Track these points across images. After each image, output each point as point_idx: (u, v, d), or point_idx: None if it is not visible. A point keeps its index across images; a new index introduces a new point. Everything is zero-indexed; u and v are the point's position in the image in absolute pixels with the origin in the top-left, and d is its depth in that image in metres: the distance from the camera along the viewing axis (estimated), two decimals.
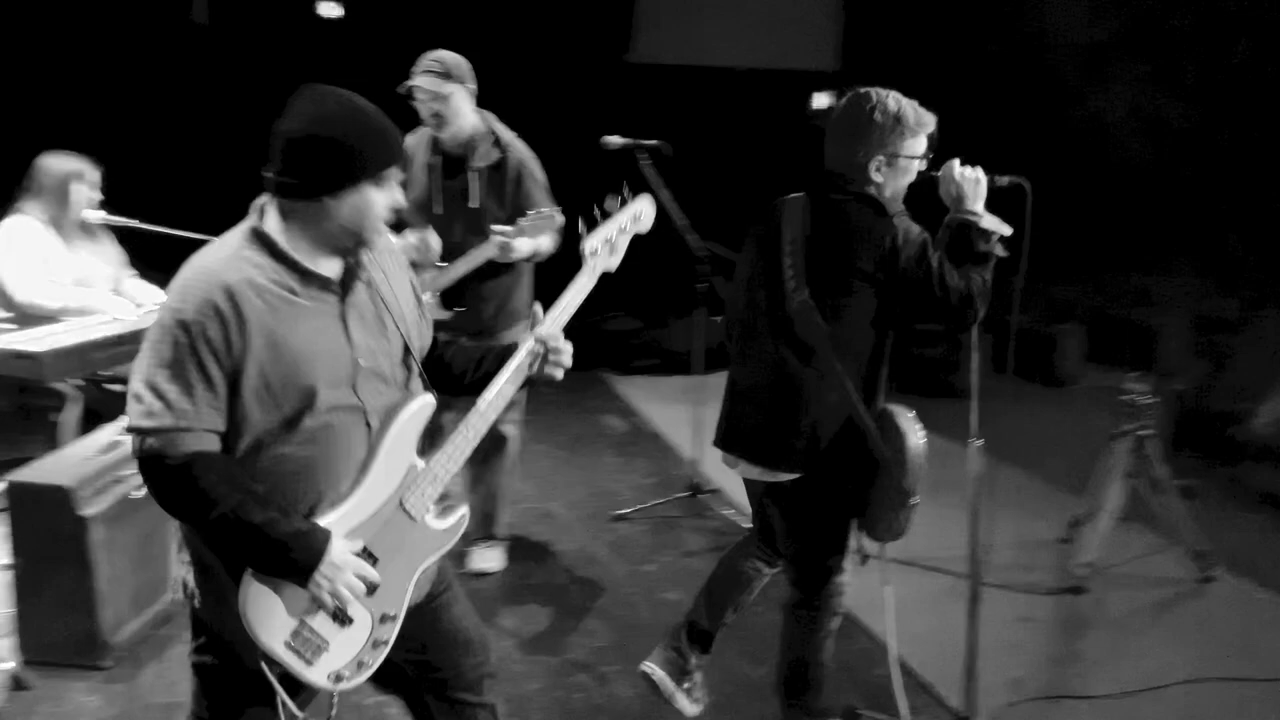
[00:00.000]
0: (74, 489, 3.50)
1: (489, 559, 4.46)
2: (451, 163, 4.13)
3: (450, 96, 4.02)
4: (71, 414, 4.35)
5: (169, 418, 1.90)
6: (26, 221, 4.53)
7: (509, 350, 2.28)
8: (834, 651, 3.17)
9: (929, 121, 2.87)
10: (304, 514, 2.02)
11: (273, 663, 2.02)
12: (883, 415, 2.87)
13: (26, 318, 4.47)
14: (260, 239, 2.00)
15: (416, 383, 2.20)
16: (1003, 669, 3.69)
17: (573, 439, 6.24)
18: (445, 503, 2.22)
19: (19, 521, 3.59)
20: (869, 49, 9.43)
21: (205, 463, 1.93)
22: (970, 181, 2.84)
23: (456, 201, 4.11)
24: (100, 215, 4.61)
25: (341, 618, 2.06)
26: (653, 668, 3.31)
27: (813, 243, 2.84)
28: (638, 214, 2.50)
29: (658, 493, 5.30)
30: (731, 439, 3.04)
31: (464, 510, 2.24)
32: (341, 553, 2.01)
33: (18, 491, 3.56)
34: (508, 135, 4.20)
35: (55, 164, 4.59)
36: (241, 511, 1.92)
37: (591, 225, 2.40)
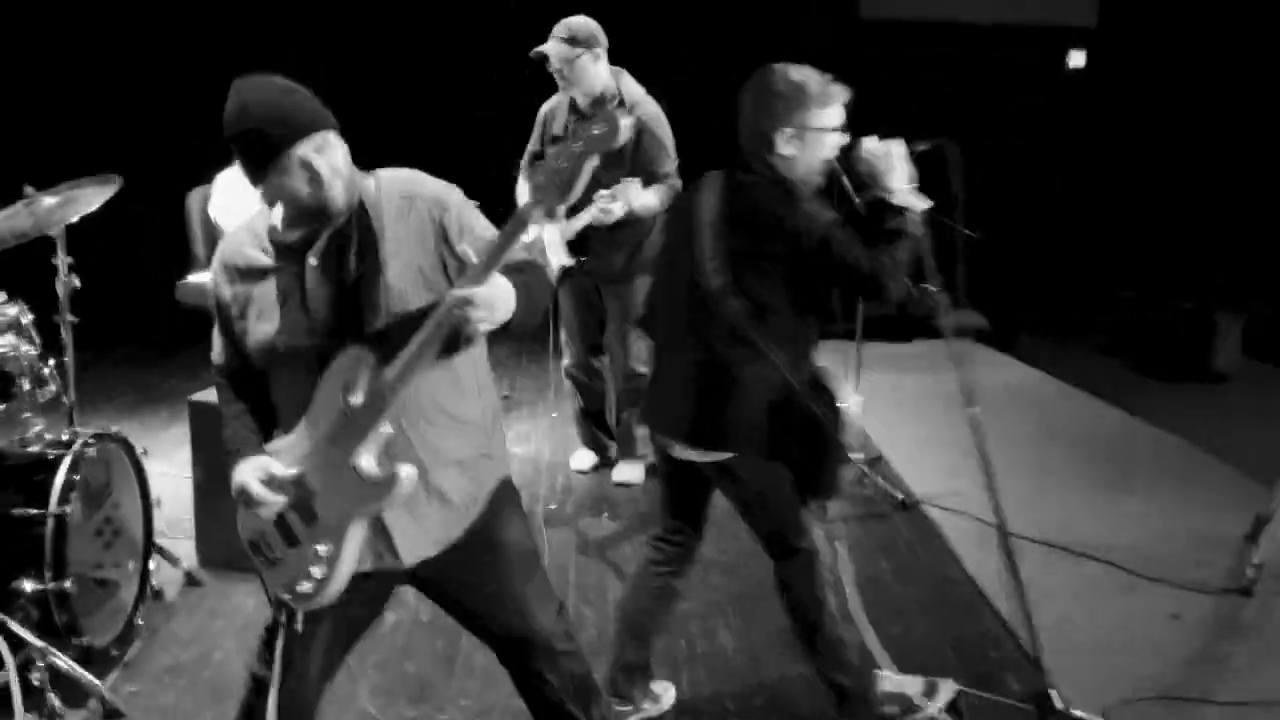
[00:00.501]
0: None
1: (629, 473, 4.99)
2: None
3: (575, 60, 4.32)
4: None
5: (213, 352, 2.37)
6: (232, 174, 5.00)
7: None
8: (843, 604, 3.17)
9: (838, 92, 2.81)
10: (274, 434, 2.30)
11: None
12: (814, 379, 2.85)
13: None
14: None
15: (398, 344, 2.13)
16: (1135, 664, 3.46)
17: None
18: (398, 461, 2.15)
19: (198, 436, 4.03)
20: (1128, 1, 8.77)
21: (223, 386, 2.38)
22: (882, 156, 2.81)
23: None
24: None
25: (288, 536, 2.21)
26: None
27: (727, 224, 2.82)
28: (605, 131, 1.97)
29: None
30: (664, 422, 3.00)
31: (404, 470, 2.09)
32: (244, 475, 2.19)
33: (197, 409, 4.00)
34: (636, 94, 4.47)
35: None
36: (224, 427, 2.32)
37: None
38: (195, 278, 4.97)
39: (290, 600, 2.21)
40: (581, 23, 4.37)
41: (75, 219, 3.62)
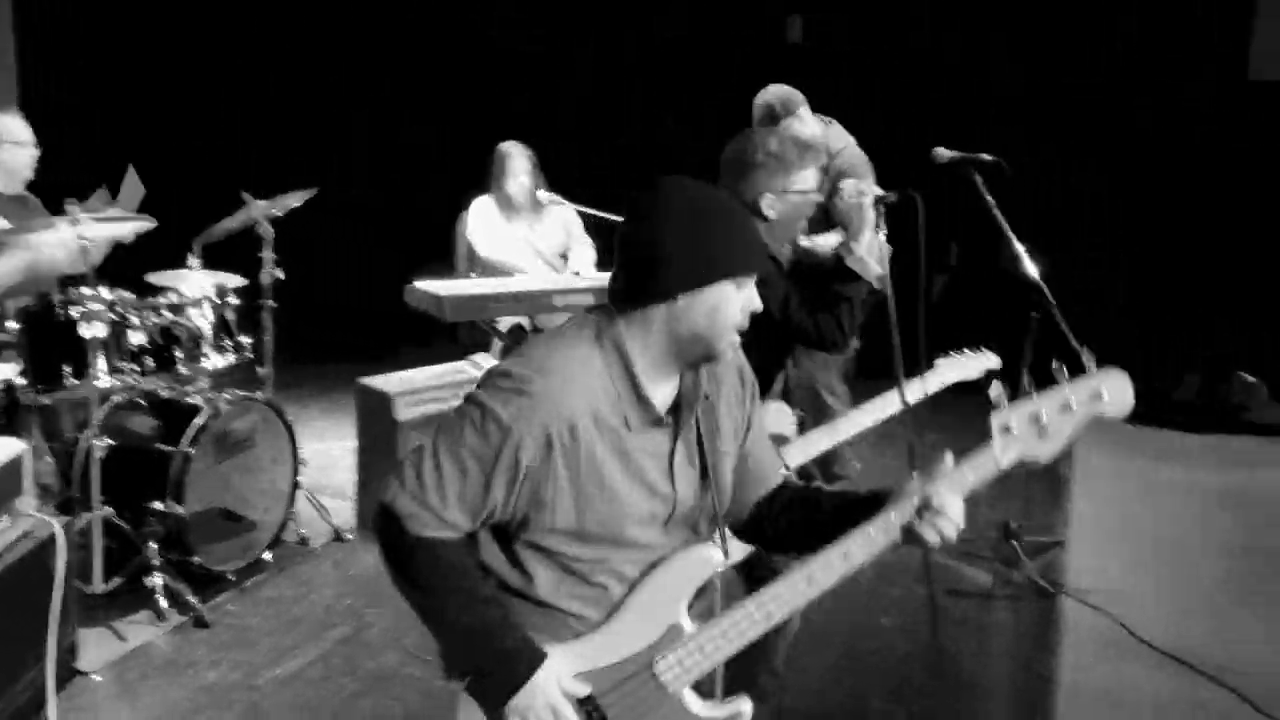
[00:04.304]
0: (393, 396, 4.50)
1: None
2: None
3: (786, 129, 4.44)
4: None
5: (417, 503, 1.74)
6: (485, 202, 5.65)
7: (875, 496, 1.88)
8: None
9: (814, 155, 2.85)
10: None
11: None
12: None
13: (486, 271, 5.64)
14: (615, 348, 1.76)
15: (713, 531, 1.91)
16: None
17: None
18: (729, 701, 1.90)
19: (362, 414, 4.70)
20: None
21: (434, 552, 1.75)
22: (855, 209, 2.84)
23: None
24: (546, 195, 5.58)
25: None
26: None
27: None
28: (1097, 392, 1.86)
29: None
30: None
31: (744, 707, 1.89)
32: (550, 682, 1.77)
33: (361, 390, 4.67)
34: (840, 142, 4.49)
35: (496, 151, 5.63)
36: (460, 612, 1.76)
37: (1020, 385, 2.27)
38: (423, 284, 5.69)
39: None
40: (775, 93, 4.57)
41: (276, 213, 4.41)
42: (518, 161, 5.53)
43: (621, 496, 1.77)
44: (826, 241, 4.22)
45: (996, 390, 1.89)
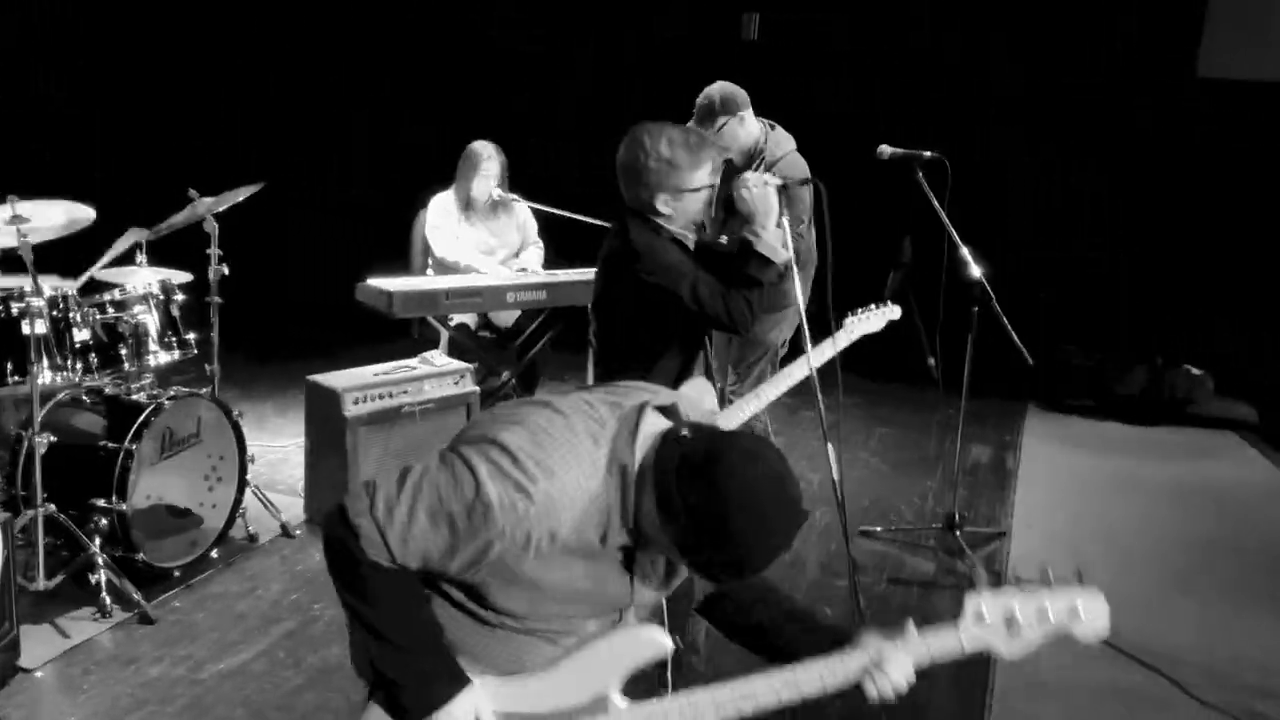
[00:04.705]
0: (341, 393, 4.51)
1: None
2: None
3: (721, 129, 4.49)
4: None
5: (380, 545, 1.71)
6: (445, 199, 5.66)
7: (834, 636, 1.93)
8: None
9: (706, 153, 2.95)
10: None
11: None
12: None
13: (443, 268, 5.65)
14: (620, 476, 1.73)
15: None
16: None
17: (919, 458, 6.03)
18: None
19: (310, 411, 4.71)
20: None
21: (381, 570, 1.73)
22: (760, 198, 2.96)
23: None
24: (502, 193, 5.60)
25: None
26: None
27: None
28: (1074, 609, 1.86)
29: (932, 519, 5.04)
30: None
31: None
32: (467, 712, 1.77)
33: (311, 387, 4.68)
34: (781, 149, 4.56)
35: (469, 149, 5.65)
36: (383, 623, 1.76)
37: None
38: (374, 281, 5.69)
39: None
40: (718, 90, 4.57)
41: (221, 209, 4.41)
42: (490, 164, 5.53)
43: (581, 595, 1.78)
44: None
45: (980, 574, 1.90)
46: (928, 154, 4.46)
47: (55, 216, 3.89)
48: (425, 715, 1.75)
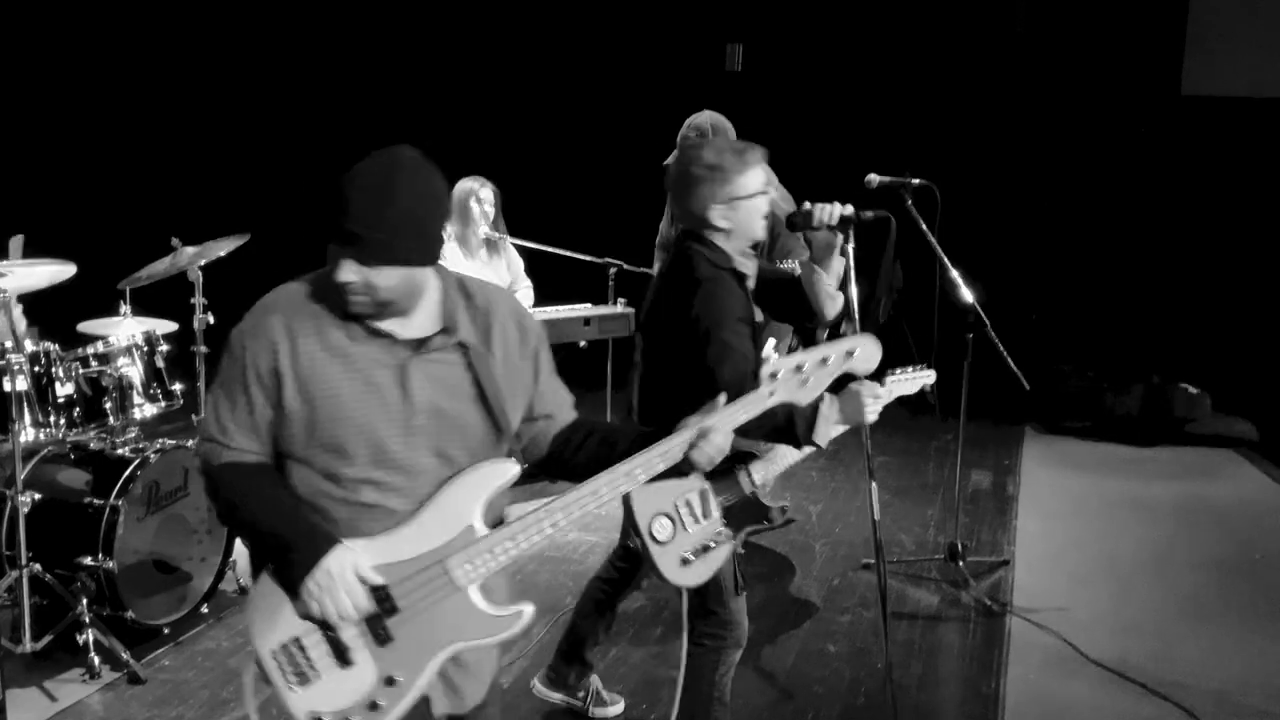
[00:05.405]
0: None
1: None
2: None
3: None
4: None
5: (208, 441, 2.02)
6: (449, 246, 5.57)
7: (650, 435, 2.07)
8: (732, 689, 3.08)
9: (755, 156, 2.85)
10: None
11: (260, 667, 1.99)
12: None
13: None
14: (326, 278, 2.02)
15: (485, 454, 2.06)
16: None
17: (919, 485, 5.97)
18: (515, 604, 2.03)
19: None
20: None
21: (234, 470, 1.99)
22: (824, 248, 2.90)
23: None
24: (492, 233, 5.52)
25: (340, 654, 1.95)
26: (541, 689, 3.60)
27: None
28: (852, 350, 2.17)
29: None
30: None
31: (527, 609, 2.02)
32: (341, 563, 1.92)
33: None
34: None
35: (459, 185, 5.55)
36: (259, 510, 1.96)
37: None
38: None
39: None
40: (707, 121, 4.54)
41: (204, 262, 4.36)
42: (485, 206, 5.43)
43: (344, 396, 1.94)
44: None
45: (768, 348, 2.18)
46: (916, 181, 4.41)
47: (37, 275, 3.84)
48: (311, 571, 1.91)
